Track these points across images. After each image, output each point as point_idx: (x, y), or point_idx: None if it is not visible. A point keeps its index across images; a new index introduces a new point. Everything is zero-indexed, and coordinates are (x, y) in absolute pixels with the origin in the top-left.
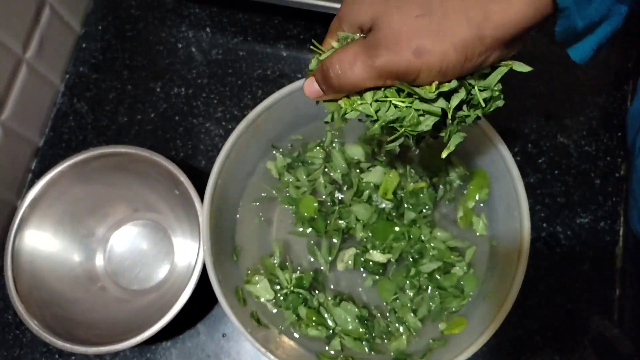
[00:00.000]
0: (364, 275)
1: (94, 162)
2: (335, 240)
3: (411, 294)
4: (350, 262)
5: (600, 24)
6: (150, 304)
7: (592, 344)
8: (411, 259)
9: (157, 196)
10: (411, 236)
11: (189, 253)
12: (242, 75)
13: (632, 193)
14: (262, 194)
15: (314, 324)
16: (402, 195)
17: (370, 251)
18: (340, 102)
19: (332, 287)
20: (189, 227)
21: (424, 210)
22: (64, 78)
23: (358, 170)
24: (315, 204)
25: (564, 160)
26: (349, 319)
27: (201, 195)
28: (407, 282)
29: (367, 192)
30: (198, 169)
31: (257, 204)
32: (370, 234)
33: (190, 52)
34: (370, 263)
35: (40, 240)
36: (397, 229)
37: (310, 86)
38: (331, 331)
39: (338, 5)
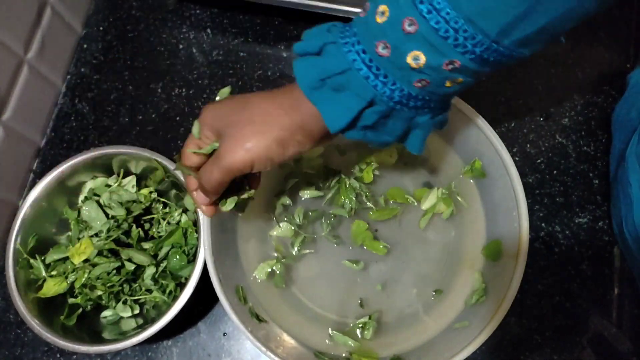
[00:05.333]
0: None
1: (96, 163)
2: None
3: None
4: None
5: (412, 130)
6: None
7: (590, 343)
8: None
9: None
10: None
11: None
12: (243, 76)
13: (612, 200)
14: (262, 193)
15: None
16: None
17: None
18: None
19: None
20: None
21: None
22: (65, 78)
23: None
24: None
25: (563, 160)
26: None
27: None
28: None
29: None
30: None
31: (258, 202)
32: None
33: (191, 53)
34: None
35: (42, 241)
36: None
37: (200, 198)
38: None
39: (337, 7)
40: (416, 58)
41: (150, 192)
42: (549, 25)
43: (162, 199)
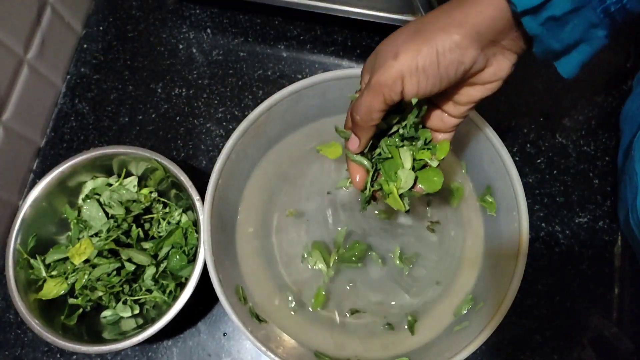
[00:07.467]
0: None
1: (95, 163)
2: None
3: None
4: None
5: (579, 44)
6: None
7: (591, 342)
8: None
9: None
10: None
11: None
12: (243, 76)
13: (619, 194)
14: (262, 194)
15: None
16: None
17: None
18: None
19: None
20: None
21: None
22: (65, 78)
23: None
24: None
25: (563, 160)
26: None
27: (202, 195)
28: None
29: None
30: (199, 169)
31: (258, 203)
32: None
33: (191, 53)
34: None
35: (42, 241)
36: None
37: (351, 143)
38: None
39: (337, 7)
40: None
41: (150, 192)
42: None
43: (162, 199)
